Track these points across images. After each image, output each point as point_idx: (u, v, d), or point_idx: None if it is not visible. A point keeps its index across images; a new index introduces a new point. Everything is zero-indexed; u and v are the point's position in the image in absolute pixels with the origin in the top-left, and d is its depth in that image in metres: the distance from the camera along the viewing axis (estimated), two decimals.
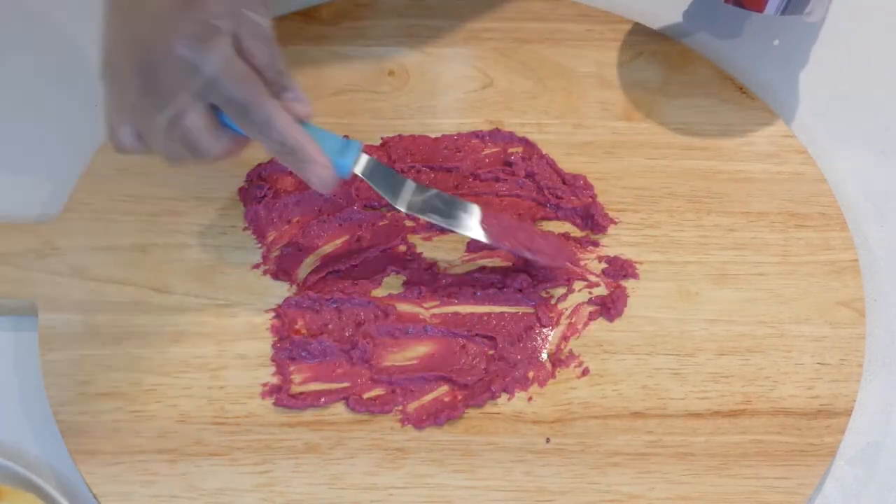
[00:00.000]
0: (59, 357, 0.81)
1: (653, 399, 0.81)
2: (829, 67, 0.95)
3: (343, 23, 0.93)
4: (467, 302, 0.83)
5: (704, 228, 0.86)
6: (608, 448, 0.79)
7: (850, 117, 0.93)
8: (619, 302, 0.83)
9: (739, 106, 0.91)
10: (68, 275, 0.83)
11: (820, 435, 0.80)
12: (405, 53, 0.92)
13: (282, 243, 0.85)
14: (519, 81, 0.91)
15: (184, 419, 0.79)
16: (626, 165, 0.88)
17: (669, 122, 0.90)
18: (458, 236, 0.84)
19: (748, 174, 0.88)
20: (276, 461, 0.78)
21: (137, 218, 0.85)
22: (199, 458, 0.78)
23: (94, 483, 0.77)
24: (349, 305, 0.83)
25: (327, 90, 0.90)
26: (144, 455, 0.78)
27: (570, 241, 0.86)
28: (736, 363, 0.82)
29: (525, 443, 0.79)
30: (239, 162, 0.87)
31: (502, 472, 0.78)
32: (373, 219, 0.86)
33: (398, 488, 0.78)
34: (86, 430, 0.79)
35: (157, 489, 0.77)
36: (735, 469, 0.79)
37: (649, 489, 0.78)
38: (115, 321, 0.82)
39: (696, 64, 0.92)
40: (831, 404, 0.81)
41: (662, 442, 0.79)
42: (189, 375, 0.81)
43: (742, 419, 0.80)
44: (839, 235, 0.86)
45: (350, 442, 0.79)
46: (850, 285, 0.84)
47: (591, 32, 0.93)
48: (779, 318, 0.83)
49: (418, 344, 0.82)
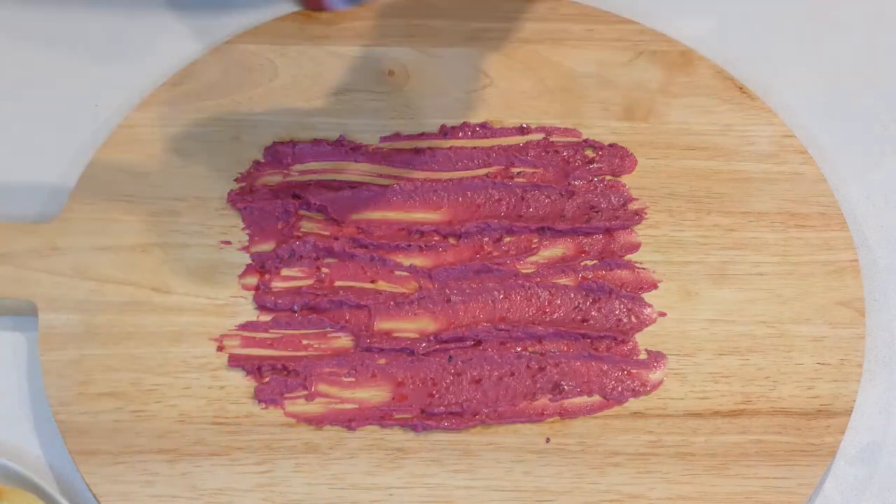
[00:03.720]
0: (59, 357, 0.81)
1: (653, 399, 0.81)
2: (829, 67, 0.95)
3: (343, 23, 0.93)
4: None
5: (704, 228, 0.86)
6: (608, 448, 0.79)
7: (850, 117, 0.93)
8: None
9: (739, 106, 0.91)
10: (68, 275, 0.83)
11: (820, 435, 0.80)
12: (405, 53, 0.92)
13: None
14: (519, 81, 0.91)
15: (184, 419, 0.79)
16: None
17: (669, 122, 0.90)
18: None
19: (748, 174, 0.88)
20: (276, 461, 0.78)
21: (137, 218, 0.85)
22: (199, 458, 0.78)
23: (94, 483, 0.77)
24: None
25: (327, 90, 0.90)
26: (144, 455, 0.78)
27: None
28: (736, 363, 0.82)
29: (525, 443, 0.79)
30: (240, 162, 0.87)
31: (502, 472, 0.79)
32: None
33: (398, 488, 0.78)
34: (86, 430, 0.79)
35: (157, 489, 0.77)
36: (735, 469, 0.79)
37: (649, 489, 0.78)
38: (115, 321, 0.82)
39: (696, 64, 0.92)
40: (831, 404, 0.81)
41: (662, 442, 0.79)
42: (189, 375, 0.81)
43: (742, 419, 0.80)
44: (839, 235, 0.86)
45: (350, 442, 0.79)
46: (850, 285, 0.84)
47: (592, 32, 0.93)
48: (779, 318, 0.83)
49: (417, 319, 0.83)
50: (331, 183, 0.87)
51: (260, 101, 0.90)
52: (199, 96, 0.90)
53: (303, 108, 0.90)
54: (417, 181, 0.87)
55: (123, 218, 0.85)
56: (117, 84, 0.92)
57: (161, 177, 0.87)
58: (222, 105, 0.89)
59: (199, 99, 0.89)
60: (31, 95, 0.92)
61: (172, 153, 0.88)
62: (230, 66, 0.91)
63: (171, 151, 0.88)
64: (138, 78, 0.92)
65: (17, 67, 0.93)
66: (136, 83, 0.92)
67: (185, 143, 0.88)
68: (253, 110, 0.89)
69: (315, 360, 0.81)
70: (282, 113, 0.89)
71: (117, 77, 0.92)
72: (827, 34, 0.96)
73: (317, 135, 0.89)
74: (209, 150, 0.88)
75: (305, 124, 0.89)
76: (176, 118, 0.89)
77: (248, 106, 0.89)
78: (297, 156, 0.88)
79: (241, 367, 0.81)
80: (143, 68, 0.92)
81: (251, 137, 0.88)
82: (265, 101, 0.90)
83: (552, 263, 0.85)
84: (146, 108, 0.89)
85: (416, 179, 0.87)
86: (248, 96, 0.90)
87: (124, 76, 0.92)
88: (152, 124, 0.88)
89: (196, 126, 0.89)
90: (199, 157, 0.88)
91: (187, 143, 0.88)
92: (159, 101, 0.89)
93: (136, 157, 0.87)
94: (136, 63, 0.93)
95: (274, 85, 0.90)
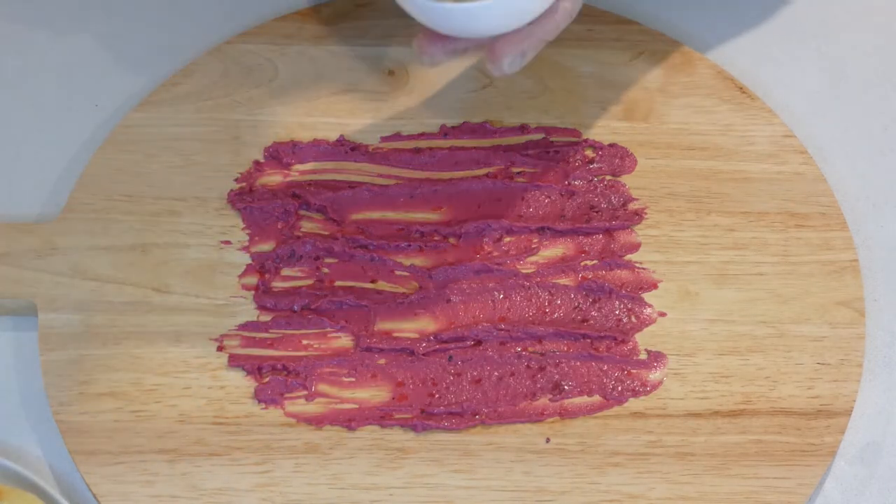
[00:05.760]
0: (59, 357, 0.81)
1: (653, 399, 0.81)
2: (829, 68, 0.95)
3: (343, 23, 0.93)
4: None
5: (704, 228, 0.86)
6: (608, 448, 0.79)
7: (850, 117, 0.93)
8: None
9: (739, 106, 0.91)
10: (68, 275, 0.83)
11: (820, 435, 0.80)
12: (405, 53, 0.92)
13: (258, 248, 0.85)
14: (519, 81, 0.91)
15: (184, 419, 0.79)
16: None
17: (669, 122, 0.90)
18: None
19: (748, 174, 0.88)
20: (276, 461, 0.78)
21: (137, 218, 0.85)
22: (199, 458, 0.78)
23: (94, 483, 0.77)
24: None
25: (327, 90, 0.90)
26: (144, 455, 0.78)
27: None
28: (736, 363, 0.82)
29: (525, 443, 0.79)
30: (240, 162, 0.87)
31: (502, 472, 0.79)
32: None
33: (398, 488, 0.78)
34: (86, 430, 0.79)
35: (157, 489, 0.77)
36: (735, 469, 0.79)
37: (649, 489, 0.78)
38: (115, 321, 0.82)
39: (696, 64, 0.92)
40: (831, 404, 0.81)
41: (662, 442, 0.79)
42: (189, 375, 0.81)
43: (742, 419, 0.80)
44: (839, 235, 0.86)
45: (350, 442, 0.79)
46: (850, 285, 0.84)
47: (592, 32, 0.93)
48: (779, 318, 0.83)
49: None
50: (331, 183, 0.87)
51: (260, 101, 0.90)
52: (199, 96, 0.90)
53: (303, 108, 0.90)
54: (417, 181, 0.87)
55: (123, 218, 0.85)
56: (117, 84, 0.92)
57: (161, 177, 0.87)
58: (222, 105, 0.89)
59: (199, 99, 0.89)
60: (31, 95, 0.92)
61: (172, 153, 0.88)
62: (230, 66, 0.91)
63: (171, 151, 0.88)
64: (138, 78, 0.92)
65: (18, 67, 0.93)
66: (136, 83, 0.92)
67: (185, 143, 0.88)
68: (253, 110, 0.89)
69: (315, 360, 0.81)
70: (282, 113, 0.89)
71: (117, 77, 0.92)
72: (827, 34, 0.96)
73: (317, 135, 0.89)
74: (209, 150, 0.88)
75: (305, 124, 0.89)
76: (176, 118, 0.89)
77: (248, 106, 0.89)
78: (297, 156, 0.88)
79: (241, 367, 0.81)
80: (143, 68, 0.92)
81: (251, 137, 0.88)
82: (265, 101, 0.90)
83: (552, 263, 0.85)
84: (146, 108, 0.89)
85: (416, 179, 0.87)
86: (248, 96, 0.90)
87: (124, 76, 0.92)
88: (152, 124, 0.88)
89: (196, 126, 0.89)
90: (199, 157, 0.88)
91: (187, 143, 0.88)
92: (159, 101, 0.89)
93: (136, 157, 0.87)
94: (136, 63, 0.93)
95: (274, 85, 0.90)
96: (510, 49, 0.79)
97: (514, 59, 0.79)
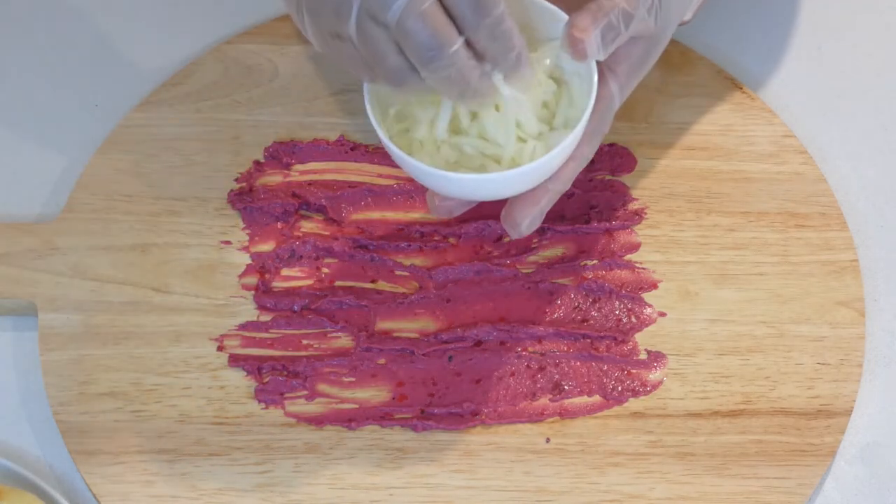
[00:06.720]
0: (59, 357, 0.81)
1: (653, 399, 0.81)
2: (829, 67, 0.95)
3: None
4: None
5: (704, 228, 0.86)
6: (608, 448, 0.79)
7: (850, 117, 0.93)
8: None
9: (739, 106, 0.91)
10: (68, 275, 0.83)
11: (820, 435, 0.80)
12: None
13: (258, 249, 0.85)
14: None
15: (184, 419, 0.79)
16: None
17: (669, 122, 0.90)
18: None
19: (748, 174, 0.88)
20: (276, 461, 0.78)
21: (137, 218, 0.86)
22: (199, 458, 0.78)
23: (94, 483, 0.77)
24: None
25: (327, 90, 0.90)
26: (144, 455, 0.78)
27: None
28: (736, 363, 0.82)
29: (525, 443, 0.79)
30: (240, 162, 0.87)
31: (502, 472, 0.79)
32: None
33: (398, 488, 0.78)
34: (86, 430, 0.79)
35: (157, 489, 0.77)
36: (735, 469, 0.79)
37: (649, 489, 0.78)
38: (115, 321, 0.82)
39: (696, 64, 0.92)
40: (831, 404, 0.81)
41: (662, 442, 0.79)
42: (189, 375, 0.81)
43: (742, 419, 0.80)
44: (839, 235, 0.86)
45: (350, 442, 0.79)
46: (850, 285, 0.84)
47: None
48: (779, 318, 0.83)
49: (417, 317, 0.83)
50: (331, 183, 0.87)
51: (260, 101, 0.90)
52: (199, 96, 0.90)
53: (303, 108, 0.90)
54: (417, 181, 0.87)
55: (123, 218, 0.85)
56: (117, 84, 0.92)
57: (161, 177, 0.87)
58: (222, 105, 0.89)
59: (199, 99, 0.89)
60: (31, 95, 0.92)
61: (172, 153, 0.88)
62: (230, 66, 0.91)
63: (171, 151, 0.88)
64: (138, 78, 0.92)
65: (18, 67, 0.93)
66: (136, 83, 0.92)
67: (185, 143, 0.88)
68: (253, 110, 0.89)
69: (315, 360, 0.81)
70: (282, 113, 0.89)
71: (117, 77, 0.92)
72: (827, 34, 0.96)
73: (317, 135, 0.89)
74: (209, 150, 0.88)
75: (305, 124, 0.89)
76: (176, 118, 0.89)
77: (248, 106, 0.90)
78: (297, 156, 0.88)
79: (241, 367, 0.81)
80: (143, 68, 0.92)
81: (251, 137, 0.88)
82: (265, 101, 0.90)
83: (552, 263, 0.85)
84: (146, 108, 0.89)
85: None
86: (248, 96, 0.90)
87: (124, 76, 0.92)
88: (152, 124, 0.89)
89: (196, 126, 0.89)
90: (199, 157, 0.88)
91: (187, 143, 0.88)
92: (159, 101, 0.89)
93: (136, 157, 0.87)
94: (136, 63, 0.93)
95: (274, 85, 0.90)
96: (528, 212, 0.74)
97: (533, 219, 0.75)
